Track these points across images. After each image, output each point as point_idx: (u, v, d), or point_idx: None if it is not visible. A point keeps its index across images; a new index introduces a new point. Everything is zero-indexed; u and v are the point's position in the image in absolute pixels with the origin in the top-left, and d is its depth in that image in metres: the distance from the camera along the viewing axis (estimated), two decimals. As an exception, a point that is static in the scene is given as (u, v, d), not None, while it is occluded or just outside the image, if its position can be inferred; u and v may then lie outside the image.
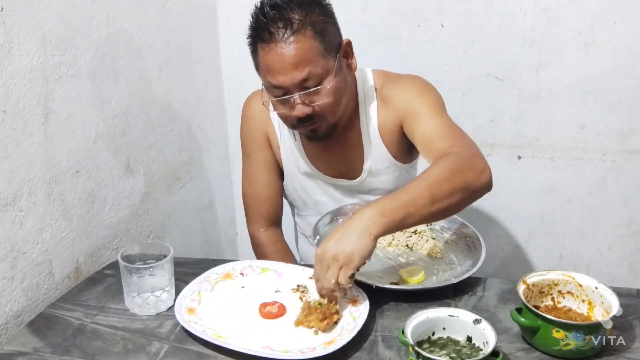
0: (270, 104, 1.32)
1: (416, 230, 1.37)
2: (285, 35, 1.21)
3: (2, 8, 1.09)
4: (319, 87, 1.24)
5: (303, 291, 1.20)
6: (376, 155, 1.43)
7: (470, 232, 1.35)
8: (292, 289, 1.20)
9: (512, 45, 1.82)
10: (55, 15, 1.22)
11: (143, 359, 1.04)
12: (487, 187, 1.20)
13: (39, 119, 1.20)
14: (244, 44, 1.30)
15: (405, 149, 1.42)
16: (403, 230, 1.37)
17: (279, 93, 1.27)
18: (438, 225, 1.40)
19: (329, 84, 1.25)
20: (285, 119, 1.34)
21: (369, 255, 1.07)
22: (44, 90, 1.20)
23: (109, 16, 1.39)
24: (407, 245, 1.34)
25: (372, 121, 1.40)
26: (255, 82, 1.49)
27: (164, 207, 1.71)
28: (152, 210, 1.64)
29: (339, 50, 1.29)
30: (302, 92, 1.24)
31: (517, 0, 1.77)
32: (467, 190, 1.16)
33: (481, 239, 1.31)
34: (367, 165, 1.44)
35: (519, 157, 1.94)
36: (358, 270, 1.08)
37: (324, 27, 1.25)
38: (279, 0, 1.23)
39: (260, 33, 1.23)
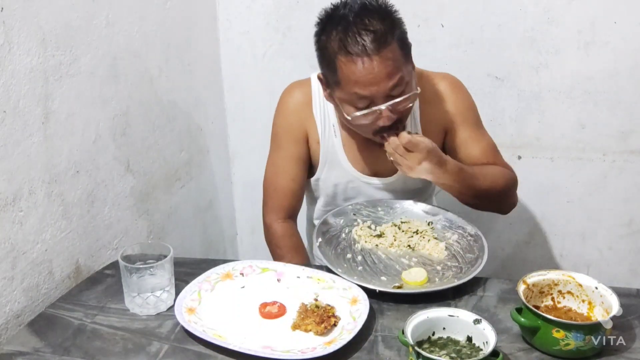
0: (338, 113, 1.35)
1: (418, 231, 1.37)
2: (376, 48, 1.22)
3: (2, 8, 1.09)
4: (405, 94, 1.27)
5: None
6: None
7: (472, 232, 1.35)
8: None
9: (512, 45, 1.81)
10: (55, 15, 1.22)
11: (143, 359, 1.04)
12: (504, 213, 1.47)
13: (39, 119, 1.20)
14: (244, 44, 1.30)
15: (440, 148, 1.41)
16: (404, 231, 1.37)
17: (365, 104, 1.27)
18: (440, 225, 1.40)
19: (411, 89, 1.28)
20: (365, 127, 1.34)
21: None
22: (44, 90, 1.20)
23: (109, 16, 1.39)
24: (409, 246, 1.34)
25: (415, 120, 1.43)
26: (254, 83, 1.49)
27: (164, 207, 1.71)
28: (152, 210, 1.64)
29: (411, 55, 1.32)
30: (391, 102, 1.26)
31: (517, 0, 1.77)
32: (499, 204, 1.42)
33: (483, 238, 1.31)
34: None
35: (519, 157, 1.94)
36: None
37: (405, 36, 1.28)
38: (362, 10, 1.24)
39: (347, 44, 1.23)
